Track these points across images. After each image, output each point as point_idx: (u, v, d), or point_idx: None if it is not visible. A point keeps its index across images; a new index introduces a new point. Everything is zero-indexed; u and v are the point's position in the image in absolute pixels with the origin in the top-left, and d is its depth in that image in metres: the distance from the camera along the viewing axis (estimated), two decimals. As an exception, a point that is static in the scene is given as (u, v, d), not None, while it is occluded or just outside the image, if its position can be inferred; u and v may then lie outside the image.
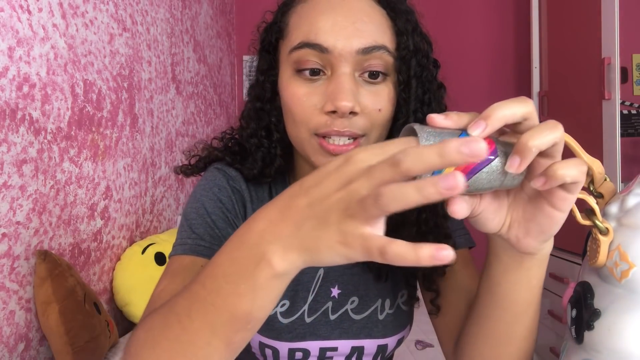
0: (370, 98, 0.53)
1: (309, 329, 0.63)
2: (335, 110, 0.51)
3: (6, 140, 1.03)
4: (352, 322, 0.64)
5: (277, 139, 0.62)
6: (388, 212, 0.29)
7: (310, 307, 0.63)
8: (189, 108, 2.17)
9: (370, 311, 0.65)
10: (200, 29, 2.30)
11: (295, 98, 0.54)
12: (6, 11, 1.03)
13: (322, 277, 0.64)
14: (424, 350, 1.35)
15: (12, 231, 1.05)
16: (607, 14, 1.68)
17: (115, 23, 1.51)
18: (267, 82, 0.61)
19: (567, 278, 1.88)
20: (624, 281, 0.44)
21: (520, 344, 0.50)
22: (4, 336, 1.02)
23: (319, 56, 0.53)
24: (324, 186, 0.32)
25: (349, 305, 0.65)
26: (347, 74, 0.52)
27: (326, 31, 0.52)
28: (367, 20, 0.53)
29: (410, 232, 0.58)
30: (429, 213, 0.58)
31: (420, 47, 0.57)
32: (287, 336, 0.62)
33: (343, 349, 0.64)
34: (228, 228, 0.60)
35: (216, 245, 0.58)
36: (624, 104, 1.91)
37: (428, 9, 0.62)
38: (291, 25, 0.57)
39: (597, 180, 0.50)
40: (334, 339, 0.63)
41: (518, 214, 0.42)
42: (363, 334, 0.64)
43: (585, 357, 0.46)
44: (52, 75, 1.18)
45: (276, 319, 0.63)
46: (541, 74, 2.23)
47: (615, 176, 1.64)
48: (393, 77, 0.55)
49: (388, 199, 0.28)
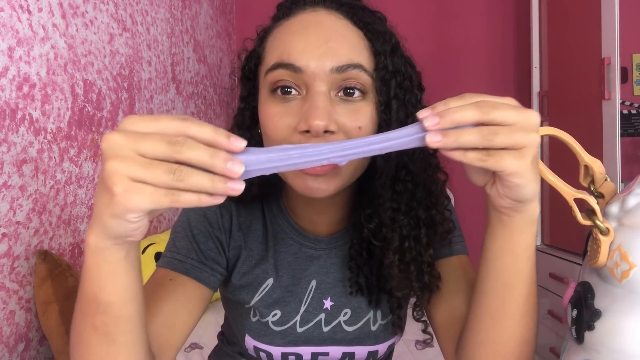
0: (348, 116, 0.52)
1: (301, 337, 0.65)
2: (308, 129, 0.49)
3: (6, 140, 1.03)
4: (346, 333, 0.65)
5: None
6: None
7: (302, 318, 0.64)
8: (189, 108, 2.17)
9: (363, 322, 0.65)
10: (200, 29, 2.30)
11: (269, 118, 0.53)
12: (6, 11, 1.03)
13: (314, 288, 0.65)
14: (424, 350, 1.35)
15: (12, 231, 1.05)
16: (607, 14, 1.68)
17: (115, 23, 1.51)
18: (247, 109, 0.61)
19: (567, 278, 1.88)
20: (624, 281, 0.44)
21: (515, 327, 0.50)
22: (4, 336, 1.02)
23: (293, 76, 0.52)
24: (113, 162, 0.35)
25: (341, 317, 0.65)
26: (322, 93, 0.51)
27: (299, 51, 0.51)
28: (342, 39, 0.52)
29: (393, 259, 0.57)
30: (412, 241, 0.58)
31: (400, 68, 0.56)
32: (280, 342, 0.64)
33: (334, 354, 0.65)
34: (208, 242, 0.62)
35: (190, 259, 0.60)
36: (624, 104, 1.91)
37: (428, 9, 0.62)
38: (267, 49, 0.56)
39: (597, 180, 0.50)
40: (326, 345, 0.65)
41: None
42: (355, 342, 0.66)
43: (586, 357, 0.46)
44: (52, 75, 1.18)
45: (269, 327, 0.64)
46: (541, 74, 2.23)
47: (615, 176, 1.64)
48: (374, 97, 0.54)
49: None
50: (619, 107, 1.66)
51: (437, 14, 2.56)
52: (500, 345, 0.51)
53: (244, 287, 0.64)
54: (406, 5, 2.48)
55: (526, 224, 0.45)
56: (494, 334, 0.51)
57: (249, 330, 0.65)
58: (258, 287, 0.64)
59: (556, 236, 2.10)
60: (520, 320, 0.49)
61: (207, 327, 1.51)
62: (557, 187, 0.49)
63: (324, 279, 0.65)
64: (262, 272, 0.64)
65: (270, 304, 0.64)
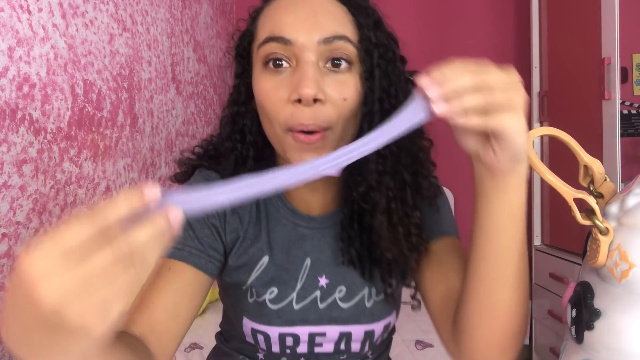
0: (335, 87, 0.56)
1: (298, 316, 0.66)
2: (300, 98, 0.53)
3: (6, 140, 1.03)
4: (341, 310, 0.66)
5: (250, 142, 0.65)
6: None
7: (298, 295, 0.66)
8: (189, 108, 2.17)
9: (358, 299, 0.67)
10: (200, 29, 2.30)
11: (264, 92, 0.57)
12: (6, 11, 1.03)
13: (309, 266, 0.67)
14: (424, 350, 1.35)
15: (12, 231, 1.05)
16: (607, 14, 1.68)
17: (115, 23, 1.51)
18: (242, 85, 0.65)
19: (567, 278, 1.88)
20: (624, 281, 0.44)
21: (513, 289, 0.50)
22: (4, 336, 1.02)
23: (283, 48, 0.56)
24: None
25: (337, 294, 0.67)
26: (311, 63, 0.55)
27: (288, 24, 0.56)
28: (328, 14, 0.57)
29: (381, 220, 0.60)
30: (398, 203, 0.61)
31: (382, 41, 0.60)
32: (277, 321, 0.65)
33: (331, 335, 0.66)
34: (204, 229, 0.63)
35: (188, 247, 0.61)
36: (624, 104, 1.91)
37: (428, 9, 0.63)
38: (259, 27, 0.61)
39: (597, 180, 0.50)
40: (322, 324, 0.66)
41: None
42: (351, 321, 0.66)
43: (585, 356, 0.46)
44: (52, 75, 1.18)
45: (266, 306, 0.65)
46: (541, 74, 2.23)
47: (615, 176, 1.64)
48: (359, 67, 0.58)
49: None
50: (619, 107, 1.66)
51: (437, 14, 2.56)
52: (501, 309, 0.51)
53: (240, 267, 0.66)
54: (406, 5, 2.48)
55: (520, 183, 0.47)
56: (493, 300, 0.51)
57: (247, 312, 0.66)
58: (254, 265, 0.66)
59: (556, 236, 2.10)
60: (517, 281, 0.50)
61: (207, 327, 1.51)
62: (556, 187, 0.49)
63: (319, 257, 0.67)
64: (257, 251, 0.66)
65: (267, 282, 0.65)
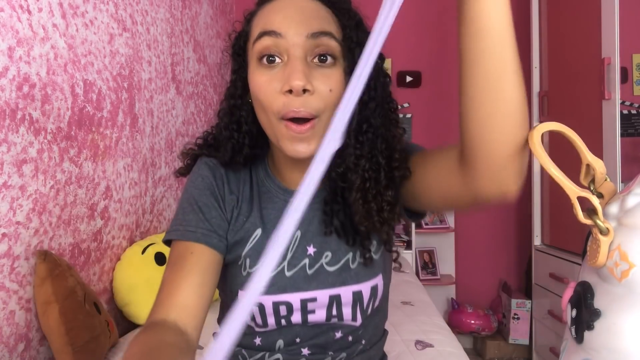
0: (322, 79, 0.63)
1: (289, 282, 0.71)
2: (290, 89, 0.60)
3: (6, 140, 1.03)
4: (328, 274, 0.72)
5: (245, 131, 0.72)
6: None
7: (289, 263, 0.71)
8: (189, 108, 2.17)
9: (343, 262, 0.72)
10: (200, 29, 2.30)
11: (259, 85, 0.64)
12: (6, 11, 1.03)
13: (299, 237, 0.73)
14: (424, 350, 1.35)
15: (12, 231, 1.05)
16: (607, 14, 1.68)
17: (115, 23, 1.51)
18: (239, 80, 0.71)
19: (567, 278, 1.88)
20: (624, 281, 0.44)
21: (513, 79, 0.51)
22: (4, 336, 1.02)
23: (275, 42, 0.63)
24: None
25: (323, 259, 0.72)
26: (300, 58, 0.62)
27: (279, 21, 0.63)
28: (315, 14, 0.64)
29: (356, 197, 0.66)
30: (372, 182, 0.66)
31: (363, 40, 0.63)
32: (270, 289, 0.69)
33: (322, 299, 0.71)
34: (212, 211, 0.70)
35: (201, 229, 0.68)
36: (624, 104, 1.91)
37: (428, 9, 0.64)
38: (253, 27, 0.67)
39: (598, 180, 0.50)
40: (312, 289, 0.71)
41: None
42: (338, 283, 0.71)
43: (585, 356, 0.46)
44: (52, 75, 1.18)
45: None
46: (541, 74, 2.23)
47: (615, 176, 1.64)
48: (342, 63, 0.64)
49: None
50: (619, 107, 1.66)
51: (437, 14, 2.56)
52: (507, 102, 0.51)
53: (238, 242, 0.72)
54: (406, 6, 2.47)
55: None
56: (496, 94, 0.51)
57: (241, 286, 0.71)
58: (248, 238, 0.72)
59: (556, 236, 2.10)
60: (515, 73, 0.51)
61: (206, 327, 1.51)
62: (561, 182, 0.48)
63: (308, 229, 0.73)
64: (251, 225, 0.72)
65: (260, 253, 0.69)
